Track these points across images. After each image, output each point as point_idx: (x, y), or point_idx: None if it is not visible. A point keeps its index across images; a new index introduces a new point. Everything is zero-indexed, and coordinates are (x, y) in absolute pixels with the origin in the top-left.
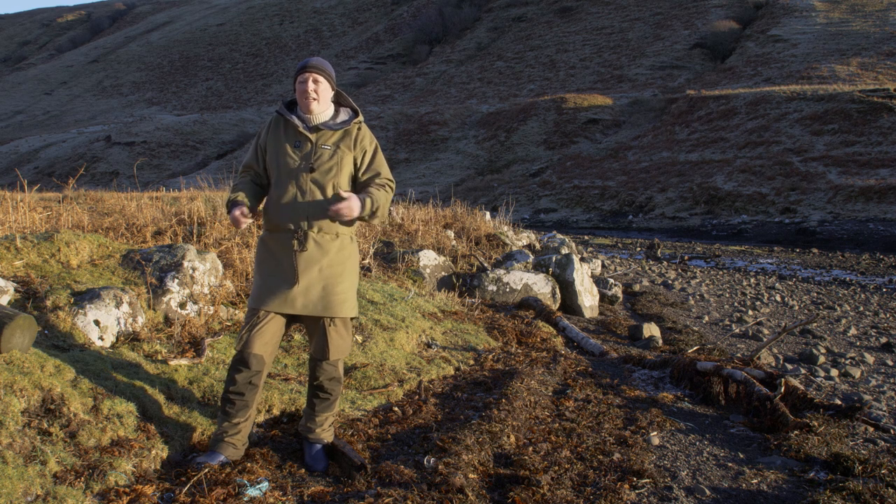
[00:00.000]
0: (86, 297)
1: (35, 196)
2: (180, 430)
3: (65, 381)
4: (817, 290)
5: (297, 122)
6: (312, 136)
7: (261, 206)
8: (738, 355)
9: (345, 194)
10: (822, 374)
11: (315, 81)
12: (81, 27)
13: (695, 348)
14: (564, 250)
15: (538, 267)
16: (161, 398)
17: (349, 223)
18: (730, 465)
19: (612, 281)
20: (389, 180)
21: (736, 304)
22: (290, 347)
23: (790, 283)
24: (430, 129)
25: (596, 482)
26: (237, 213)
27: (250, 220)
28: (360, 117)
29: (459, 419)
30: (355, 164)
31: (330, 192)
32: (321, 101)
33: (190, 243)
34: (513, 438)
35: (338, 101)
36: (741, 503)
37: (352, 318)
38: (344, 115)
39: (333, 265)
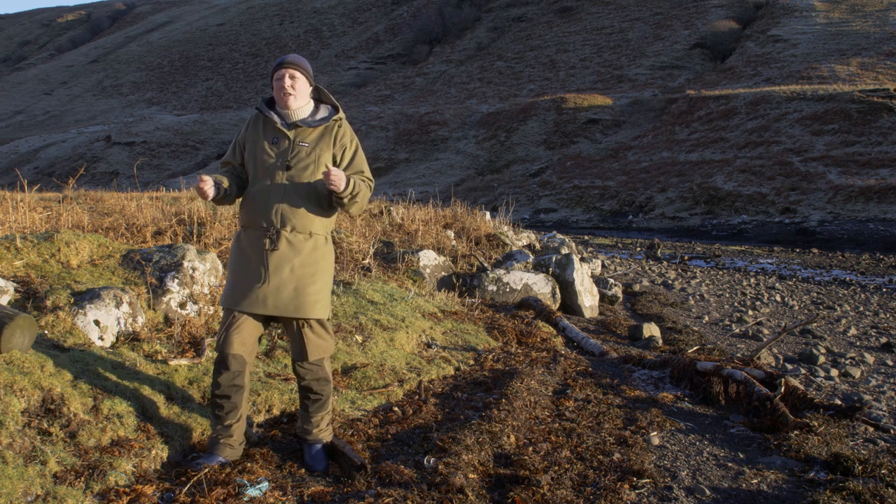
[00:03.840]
0: (86, 297)
1: (35, 196)
2: (180, 430)
3: (65, 381)
4: (817, 290)
5: (275, 118)
6: (290, 133)
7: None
8: (738, 355)
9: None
10: (822, 374)
11: (292, 77)
12: (81, 27)
13: (695, 348)
14: (564, 250)
15: (538, 267)
16: (161, 398)
17: (326, 214)
18: (730, 465)
19: (612, 281)
20: (370, 179)
21: (736, 304)
22: (289, 347)
23: (790, 283)
24: (430, 129)
25: (596, 482)
26: (202, 178)
27: (212, 191)
28: (341, 114)
29: (459, 419)
30: (335, 162)
31: (305, 191)
32: (298, 96)
33: (190, 243)
34: (513, 438)
35: (318, 98)
36: (741, 503)
37: (329, 319)
38: (324, 111)
39: (305, 265)
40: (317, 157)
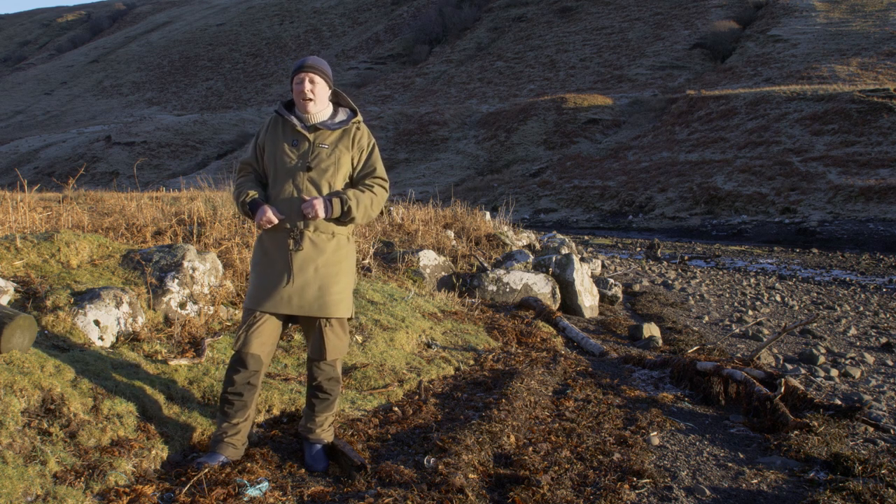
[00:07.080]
0: (86, 298)
1: (35, 196)
2: (180, 430)
3: (65, 381)
4: (817, 290)
5: (294, 121)
6: (310, 136)
7: None
8: (738, 355)
9: (307, 197)
10: (822, 374)
11: (311, 81)
12: (81, 27)
13: (695, 348)
14: (564, 250)
15: (538, 267)
16: (161, 398)
17: (341, 222)
18: (730, 465)
19: (612, 281)
20: (382, 179)
21: (736, 304)
22: (290, 347)
23: (790, 283)
24: (430, 129)
25: (596, 482)
26: (270, 213)
27: (282, 216)
28: (359, 117)
29: (459, 419)
30: (352, 164)
31: (326, 191)
32: (317, 100)
33: (190, 243)
34: (513, 438)
35: (336, 101)
36: (741, 503)
37: (349, 319)
38: (342, 114)
39: (329, 265)
40: (336, 158)
